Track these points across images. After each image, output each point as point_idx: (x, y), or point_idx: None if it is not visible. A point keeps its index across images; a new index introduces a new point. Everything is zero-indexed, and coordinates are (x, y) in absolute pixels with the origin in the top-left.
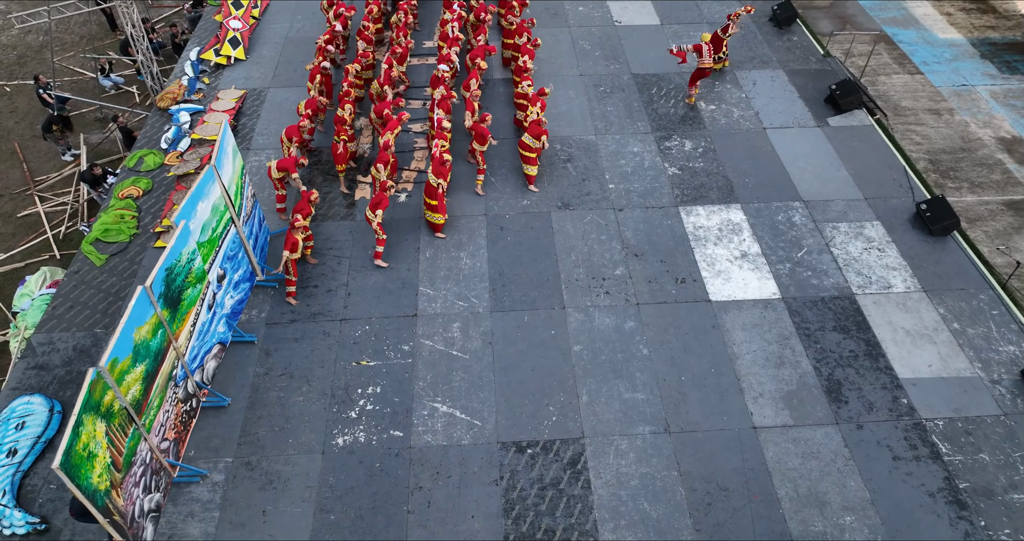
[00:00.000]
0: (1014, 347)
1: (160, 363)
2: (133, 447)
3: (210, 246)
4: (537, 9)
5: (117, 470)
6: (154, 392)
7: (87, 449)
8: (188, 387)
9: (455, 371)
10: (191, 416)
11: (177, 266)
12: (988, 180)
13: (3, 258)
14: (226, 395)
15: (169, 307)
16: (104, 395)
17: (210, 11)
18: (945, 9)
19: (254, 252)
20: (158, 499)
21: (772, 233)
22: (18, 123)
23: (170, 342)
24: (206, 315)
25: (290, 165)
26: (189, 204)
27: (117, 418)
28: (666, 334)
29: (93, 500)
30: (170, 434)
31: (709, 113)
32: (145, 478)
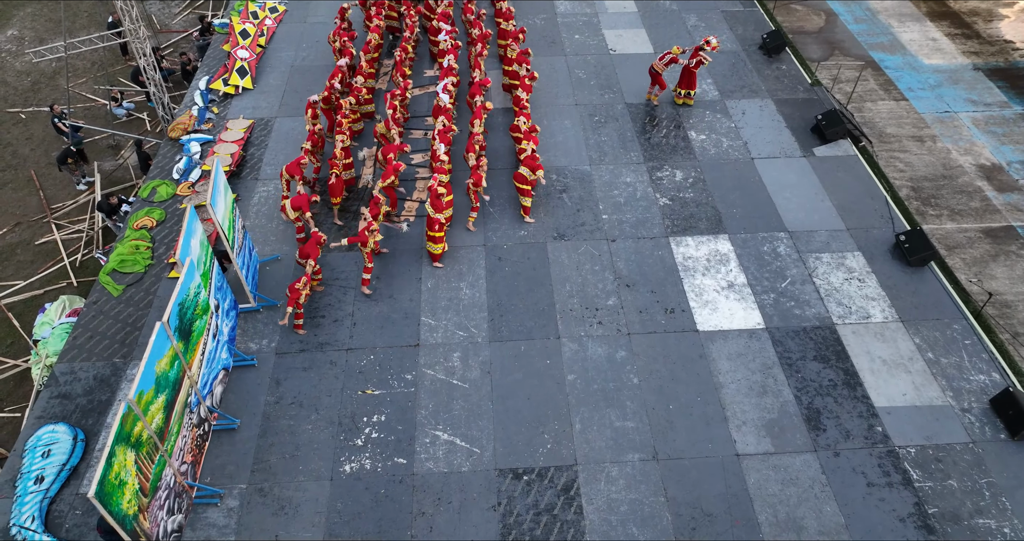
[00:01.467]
0: (984, 376)
1: (177, 392)
2: (159, 473)
3: (204, 279)
4: (534, 37)
5: (144, 495)
6: (173, 419)
7: (118, 477)
8: (201, 412)
9: (455, 400)
10: (205, 439)
11: (187, 300)
12: (967, 208)
13: (22, 285)
14: (238, 423)
15: (182, 339)
16: (134, 426)
17: (218, 40)
18: (931, 34)
19: (248, 280)
20: (180, 520)
21: (758, 264)
22: (33, 150)
23: (185, 371)
24: (212, 343)
25: (304, 204)
26: (184, 243)
27: (145, 447)
28: (655, 363)
29: (123, 525)
30: (187, 457)
31: (700, 143)
32: (169, 501)
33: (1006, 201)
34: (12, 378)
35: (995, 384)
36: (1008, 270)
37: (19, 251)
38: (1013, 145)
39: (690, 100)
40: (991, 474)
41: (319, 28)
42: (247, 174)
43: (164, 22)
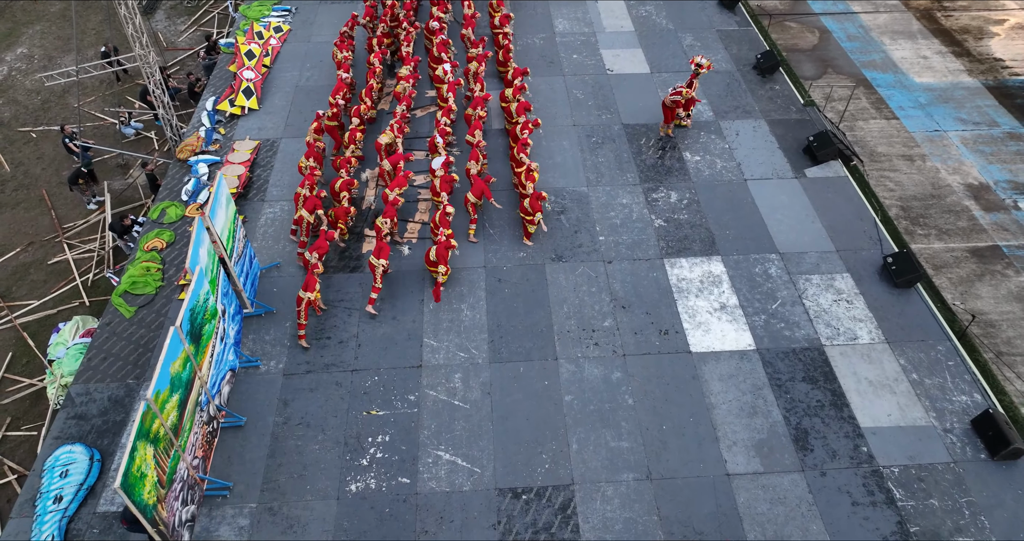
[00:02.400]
0: (966, 397)
1: (190, 391)
2: (174, 466)
3: (212, 285)
4: (534, 56)
5: (162, 487)
6: (186, 417)
7: (140, 470)
8: (210, 411)
9: (457, 420)
10: (214, 435)
11: (198, 306)
12: (955, 227)
13: (36, 305)
14: (248, 443)
15: (193, 342)
16: (152, 423)
17: (224, 60)
18: (922, 52)
19: (246, 287)
20: (193, 510)
21: (749, 285)
22: (44, 169)
23: (196, 372)
24: (219, 346)
25: (323, 247)
26: (194, 252)
27: (162, 442)
28: (650, 384)
29: (144, 513)
30: (199, 452)
31: (694, 164)
32: (183, 492)
33: (992, 220)
34: (28, 397)
35: (976, 405)
36: (993, 289)
37: (32, 270)
38: (1000, 164)
39: (687, 122)
40: (971, 493)
41: (323, 48)
42: (253, 195)
43: (170, 40)
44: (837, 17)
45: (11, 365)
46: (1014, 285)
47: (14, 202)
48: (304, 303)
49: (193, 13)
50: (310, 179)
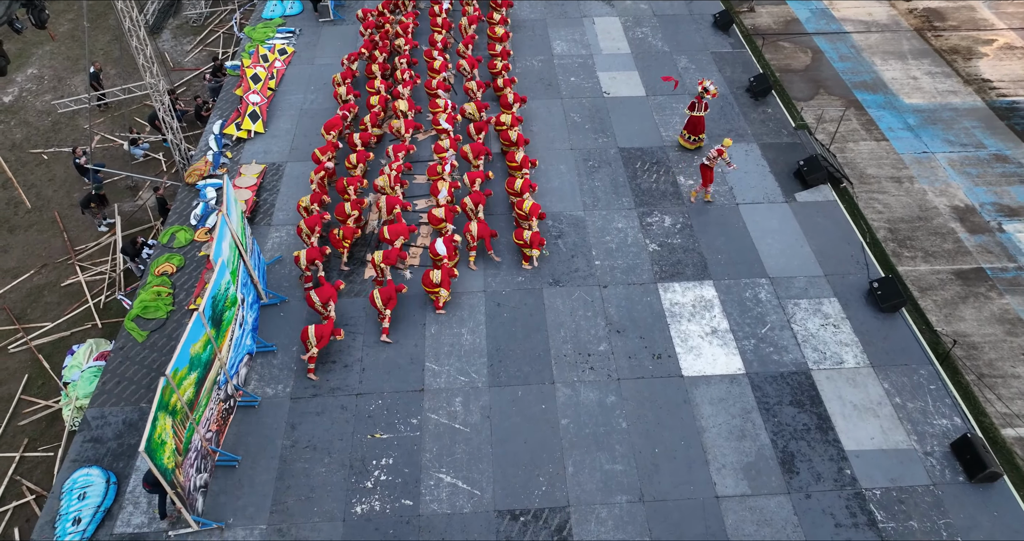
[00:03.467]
0: (946, 420)
1: (208, 371)
2: (189, 437)
3: (232, 276)
4: (532, 79)
5: (179, 454)
6: (203, 394)
7: (160, 438)
8: (228, 390)
9: (457, 443)
10: (230, 412)
11: (219, 294)
12: (941, 249)
13: (51, 327)
14: (257, 466)
15: (215, 327)
16: (170, 397)
17: (230, 83)
18: (912, 73)
19: (260, 276)
20: (206, 478)
21: (740, 309)
22: (56, 191)
23: (216, 354)
24: (238, 331)
25: (316, 255)
26: (217, 246)
27: (179, 415)
28: (643, 408)
29: (164, 476)
30: (213, 426)
31: (688, 188)
32: (197, 461)
33: (977, 243)
34: (44, 419)
35: (956, 428)
36: (976, 312)
37: (46, 293)
38: (986, 186)
39: (700, 143)
40: (949, 515)
41: (326, 70)
42: (260, 220)
43: (177, 60)
44: (829, 37)
45: (27, 387)
46: (996, 307)
47: (27, 224)
48: (321, 341)
49: (199, 33)
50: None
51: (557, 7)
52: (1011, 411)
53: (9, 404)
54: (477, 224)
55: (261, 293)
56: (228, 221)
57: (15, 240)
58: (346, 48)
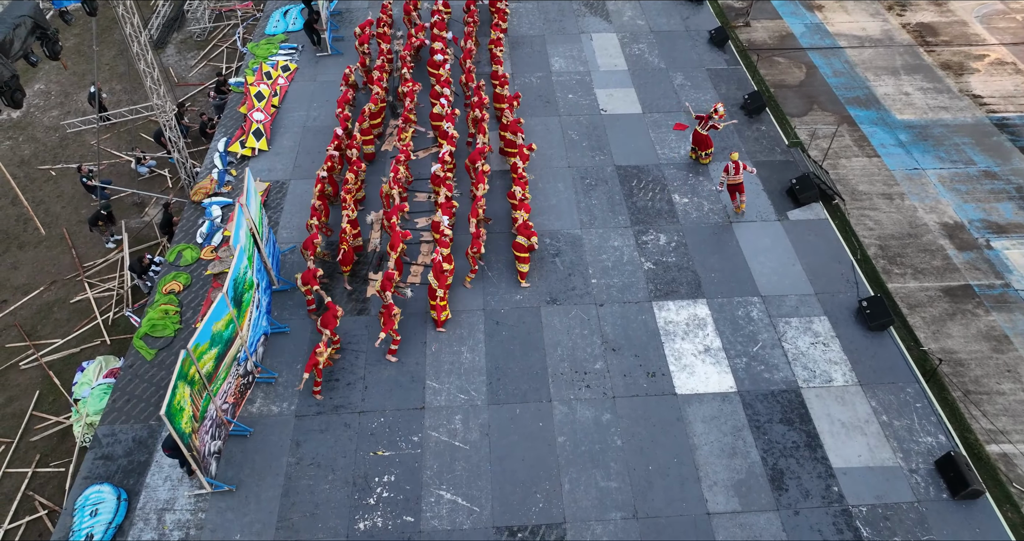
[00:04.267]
0: (931, 438)
1: (229, 348)
2: (205, 406)
3: (249, 261)
4: (531, 96)
5: (196, 421)
6: (222, 368)
7: (179, 404)
8: (248, 366)
9: (457, 461)
10: (247, 387)
11: (239, 277)
12: (929, 266)
13: (61, 343)
14: (264, 483)
15: (236, 307)
16: (190, 368)
17: (234, 100)
18: (904, 88)
19: (273, 263)
20: (219, 445)
21: (732, 328)
22: (64, 208)
23: (238, 332)
24: (255, 312)
25: (310, 279)
26: (235, 234)
27: (197, 385)
28: (637, 426)
29: (182, 439)
30: (230, 398)
31: (682, 206)
32: (212, 429)
33: (965, 259)
34: (55, 434)
35: (941, 446)
36: (963, 329)
37: (56, 309)
38: (975, 203)
39: (708, 159)
40: (932, 532)
41: (329, 87)
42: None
43: (181, 75)
44: (824, 52)
45: (38, 403)
46: (983, 324)
47: (36, 241)
48: (315, 361)
49: (203, 47)
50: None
51: (556, 23)
52: (995, 427)
53: (21, 420)
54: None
55: (273, 279)
56: (246, 211)
57: (25, 257)
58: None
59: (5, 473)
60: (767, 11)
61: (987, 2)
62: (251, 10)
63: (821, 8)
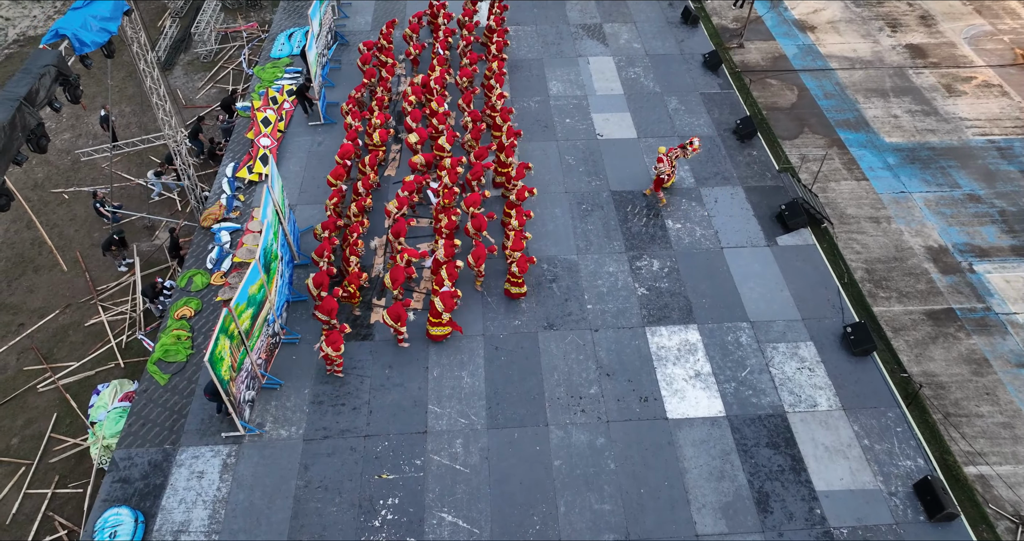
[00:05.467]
0: (910, 462)
1: (261, 309)
2: (242, 359)
3: (274, 237)
4: (529, 121)
5: (234, 371)
6: (256, 326)
7: (220, 354)
8: (275, 328)
9: (458, 484)
10: (275, 346)
11: (268, 248)
12: (914, 290)
13: (76, 366)
14: (274, 505)
15: (265, 272)
16: (230, 324)
17: (242, 126)
18: (893, 111)
19: (294, 238)
20: (252, 395)
21: (722, 353)
22: (77, 231)
23: (267, 295)
24: (280, 281)
25: (324, 281)
26: (263, 210)
27: (235, 340)
28: (630, 450)
29: (222, 385)
30: (263, 355)
31: (675, 232)
32: (247, 380)
33: (948, 283)
34: (73, 456)
35: (919, 469)
36: (945, 352)
37: (71, 332)
38: (959, 227)
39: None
40: None
41: (332, 111)
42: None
43: (189, 97)
44: (815, 74)
45: (56, 425)
46: (964, 348)
47: (51, 264)
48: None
49: (209, 69)
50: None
51: (554, 46)
52: (973, 449)
53: (40, 442)
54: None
55: (295, 254)
56: (272, 192)
57: (40, 280)
58: (350, 88)
59: (25, 494)
60: (761, 32)
61: (975, 23)
62: (256, 31)
63: (814, 29)
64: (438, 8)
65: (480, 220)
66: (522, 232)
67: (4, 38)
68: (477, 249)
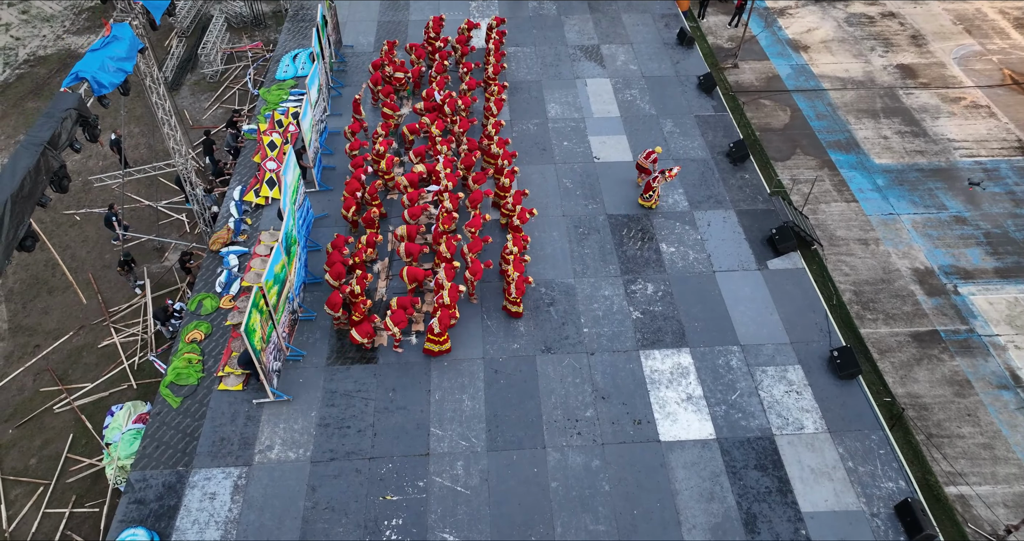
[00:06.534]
0: (892, 484)
1: (284, 287)
2: (269, 332)
3: (293, 222)
4: (527, 144)
5: (264, 342)
6: (281, 303)
7: (253, 326)
8: (294, 305)
9: (459, 505)
10: (295, 323)
11: (288, 232)
12: (900, 312)
13: (90, 387)
14: (284, 526)
15: (287, 255)
16: (260, 300)
17: (249, 149)
18: (883, 132)
19: (303, 228)
20: (278, 365)
21: (713, 376)
22: (89, 252)
23: (288, 275)
24: (298, 263)
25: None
26: (283, 200)
27: (264, 314)
28: (624, 472)
29: (255, 354)
30: (286, 330)
31: (669, 256)
32: (274, 352)
33: (933, 305)
34: (89, 476)
35: (901, 491)
36: (929, 374)
37: (84, 354)
38: (945, 248)
39: (656, 202)
40: None
41: (336, 135)
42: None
43: (195, 117)
44: (808, 94)
45: (72, 445)
46: (947, 369)
47: (64, 285)
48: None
49: (216, 89)
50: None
51: (552, 68)
52: (954, 470)
53: (57, 462)
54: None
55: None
56: (288, 176)
57: (54, 301)
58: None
59: (44, 514)
60: (755, 52)
61: (965, 43)
62: (261, 50)
63: (807, 49)
64: (435, 31)
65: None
66: (520, 256)
67: (15, 58)
68: (473, 265)
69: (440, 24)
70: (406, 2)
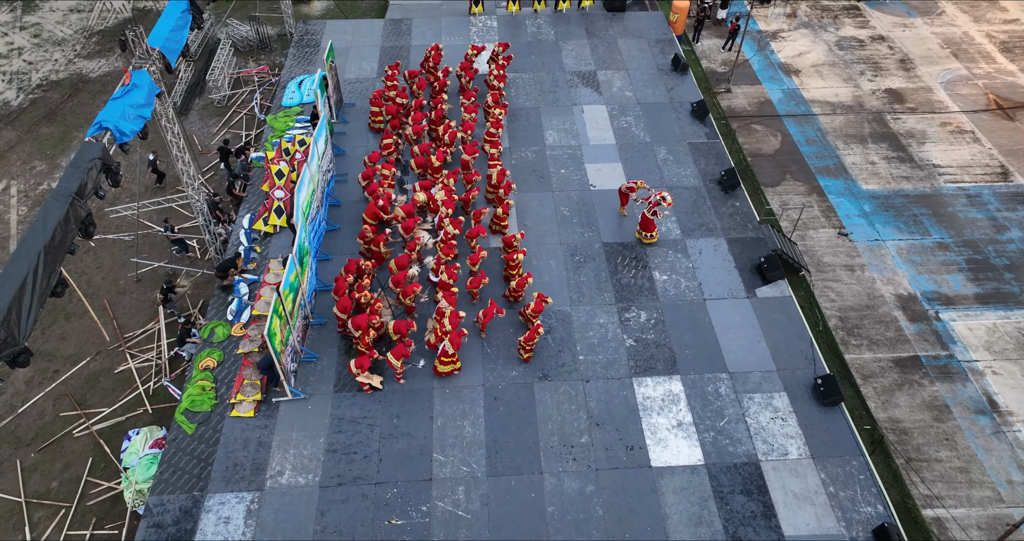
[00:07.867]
0: (871, 508)
1: (297, 294)
2: (287, 336)
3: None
4: (526, 172)
5: (282, 345)
6: (296, 309)
7: (273, 331)
8: (307, 311)
9: (460, 529)
10: (306, 328)
11: (301, 245)
12: (883, 337)
13: (108, 412)
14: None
15: (300, 265)
16: (280, 306)
17: (257, 177)
18: (871, 157)
19: (316, 240)
20: (295, 367)
21: (703, 403)
22: (104, 278)
23: (302, 283)
24: (309, 273)
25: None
26: (295, 209)
27: (282, 319)
28: (616, 497)
29: (276, 356)
30: (300, 334)
31: (662, 284)
32: (291, 354)
33: (915, 331)
34: (108, 499)
35: (879, 515)
36: (909, 398)
37: (101, 379)
38: (928, 275)
39: (653, 240)
40: None
41: (342, 161)
42: None
43: (204, 143)
44: (798, 119)
45: (92, 469)
46: (927, 394)
47: (81, 311)
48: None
49: (223, 113)
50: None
51: (550, 94)
52: (932, 493)
53: (78, 485)
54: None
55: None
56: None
57: (71, 327)
58: (355, 153)
59: (66, 536)
60: (747, 76)
61: (951, 68)
62: (267, 75)
63: (798, 73)
64: (435, 60)
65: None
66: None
67: (28, 83)
68: (487, 309)
69: (439, 54)
70: (408, 26)
